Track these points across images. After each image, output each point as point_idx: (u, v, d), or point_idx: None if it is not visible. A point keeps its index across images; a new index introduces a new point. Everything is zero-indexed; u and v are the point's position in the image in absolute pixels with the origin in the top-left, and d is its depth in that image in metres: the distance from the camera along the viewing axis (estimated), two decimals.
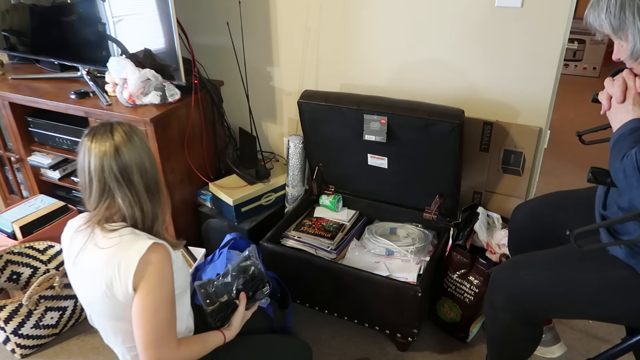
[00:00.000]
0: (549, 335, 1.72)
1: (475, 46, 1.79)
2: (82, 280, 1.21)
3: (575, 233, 1.07)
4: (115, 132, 1.15)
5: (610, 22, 1.07)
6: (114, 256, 1.14)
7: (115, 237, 1.15)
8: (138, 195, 1.16)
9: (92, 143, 1.14)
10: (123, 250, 1.13)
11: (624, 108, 1.08)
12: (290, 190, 2.18)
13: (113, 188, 1.15)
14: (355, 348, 1.83)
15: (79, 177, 1.19)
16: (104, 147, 1.13)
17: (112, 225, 1.17)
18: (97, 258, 1.16)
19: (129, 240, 1.15)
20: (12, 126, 2.24)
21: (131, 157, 1.15)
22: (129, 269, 1.12)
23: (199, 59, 2.14)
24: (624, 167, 1.00)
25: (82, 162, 1.16)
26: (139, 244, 1.14)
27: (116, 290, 1.14)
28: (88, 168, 1.15)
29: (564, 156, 3.10)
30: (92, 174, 1.14)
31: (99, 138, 1.14)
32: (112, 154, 1.13)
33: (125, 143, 1.15)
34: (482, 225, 1.84)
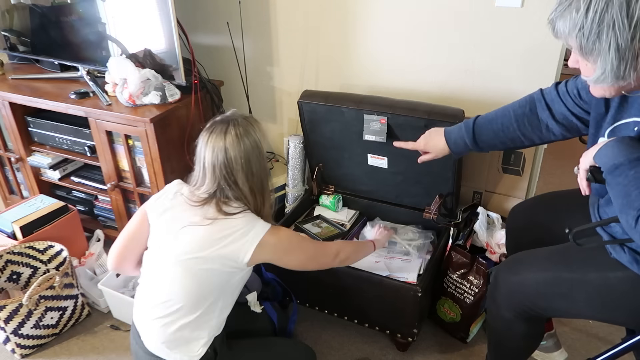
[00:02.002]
0: (550, 342, 1.72)
1: (475, 46, 1.79)
2: (180, 243, 1.28)
3: (574, 231, 1.07)
4: (228, 133, 1.25)
5: (581, 43, 0.94)
6: (241, 222, 1.26)
7: (239, 215, 1.27)
8: (243, 194, 1.29)
9: (209, 139, 1.27)
10: (251, 222, 1.27)
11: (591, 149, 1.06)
12: (290, 190, 2.18)
13: (222, 184, 1.28)
14: (355, 348, 1.83)
15: (195, 166, 1.33)
16: (216, 146, 1.25)
17: (232, 206, 1.29)
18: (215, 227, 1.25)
19: (253, 217, 1.29)
20: (12, 126, 2.24)
21: (238, 160, 1.25)
22: (254, 239, 1.26)
23: (199, 59, 2.14)
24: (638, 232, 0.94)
25: (198, 154, 1.30)
26: (260, 223, 1.29)
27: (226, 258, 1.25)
28: (203, 161, 1.28)
29: (564, 156, 3.09)
30: (205, 168, 1.28)
31: (215, 136, 1.26)
32: (222, 154, 1.25)
33: (235, 146, 1.25)
34: (482, 225, 1.84)
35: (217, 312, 1.33)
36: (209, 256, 1.25)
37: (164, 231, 1.32)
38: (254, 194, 1.30)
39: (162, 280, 1.31)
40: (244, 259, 1.26)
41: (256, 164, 1.28)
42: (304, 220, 2.04)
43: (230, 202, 1.29)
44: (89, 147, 2.14)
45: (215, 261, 1.25)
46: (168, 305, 1.29)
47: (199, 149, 1.29)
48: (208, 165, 1.27)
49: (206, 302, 1.29)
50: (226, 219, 1.26)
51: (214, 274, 1.28)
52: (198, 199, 1.30)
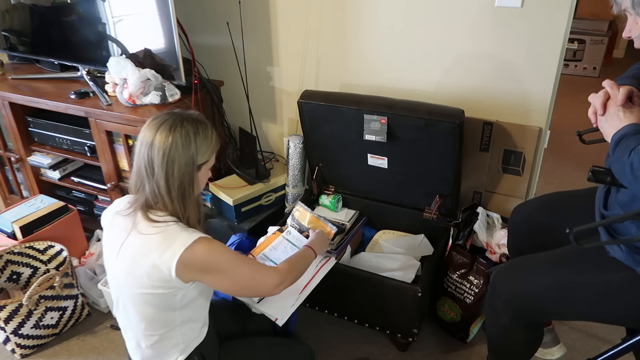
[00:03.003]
0: (548, 337, 1.72)
1: (476, 46, 1.79)
2: (120, 263, 1.21)
3: (575, 231, 1.07)
4: (163, 125, 1.17)
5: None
6: (159, 243, 1.15)
7: (160, 225, 1.17)
8: (161, 191, 1.17)
9: (144, 128, 1.19)
10: (169, 239, 1.15)
11: (615, 116, 1.08)
12: (290, 190, 2.18)
13: (143, 177, 1.18)
14: (355, 348, 1.83)
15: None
16: (146, 137, 1.17)
17: (159, 214, 1.19)
18: (142, 245, 1.17)
19: (174, 230, 1.16)
20: (12, 126, 2.24)
21: (160, 154, 1.15)
22: (172, 257, 1.13)
23: (199, 59, 2.14)
24: (631, 161, 1.00)
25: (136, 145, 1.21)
26: (183, 236, 1.15)
27: (158, 276, 1.15)
28: (135, 151, 1.20)
29: (564, 156, 3.10)
30: (133, 157, 1.20)
31: (148, 126, 1.19)
32: (148, 144, 1.16)
33: (162, 139, 1.15)
34: (482, 225, 1.84)
35: (180, 328, 1.26)
36: (139, 281, 1.17)
37: (106, 257, 1.28)
38: (172, 197, 1.18)
39: (118, 306, 1.29)
40: (171, 276, 1.14)
41: (180, 166, 1.16)
42: None
43: (156, 207, 1.20)
44: (89, 147, 2.14)
45: (147, 284, 1.17)
46: (131, 328, 1.28)
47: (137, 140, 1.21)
48: (135, 155, 1.20)
49: (162, 322, 1.23)
50: (149, 236, 1.16)
51: (155, 298, 1.18)
52: (127, 208, 1.22)
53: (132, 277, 1.18)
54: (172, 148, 1.15)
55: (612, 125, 1.09)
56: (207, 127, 1.22)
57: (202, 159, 1.21)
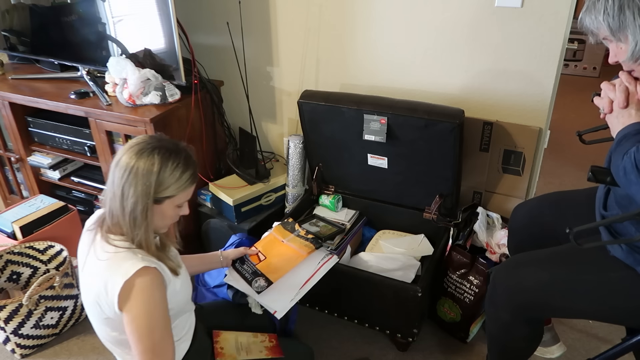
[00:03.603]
0: (548, 335, 1.72)
1: (475, 46, 1.79)
2: (82, 283, 1.23)
3: (575, 231, 1.07)
4: (136, 146, 1.14)
5: (609, 24, 1.06)
6: (104, 271, 1.13)
7: (111, 251, 1.14)
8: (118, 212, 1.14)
9: (127, 143, 1.17)
10: (112, 268, 1.12)
11: (626, 113, 1.08)
12: (290, 190, 2.18)
13: (106, 192, 1.16)
14: (355, 348, 1.83)
15: None
16: (118, 153, 1.15)
17: (113, 237, 1.16)
18: (93, 267, 1.17)
19: (122, 258, 1.12)
20: (12, 126, 2.24)
21: (120, 172, 1.12)
22: (113, 290, 1.09)
23: (199, 59, 2.14)
24: (624, 165, 1.01)
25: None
26: (127, 265, 1.10)
27: (103, 306, 1.14)
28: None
29: (564, 156, 3.10)
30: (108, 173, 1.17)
31: (128, 143, 1.17)
32: (116, 161, 1.14)
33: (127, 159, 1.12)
34: (482, 225, 1.84)
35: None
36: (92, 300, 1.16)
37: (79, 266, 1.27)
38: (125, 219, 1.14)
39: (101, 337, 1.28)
40: (115, 306, 1.10)
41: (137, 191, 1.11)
42: (301, 220, 2.03)
43: (113, 228, 1.17)
44: (89, 147, 2.14)
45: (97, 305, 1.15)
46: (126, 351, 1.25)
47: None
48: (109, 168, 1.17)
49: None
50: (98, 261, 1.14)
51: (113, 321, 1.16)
52: (93, 223, 1.22)
53: (88, 302, 1.19)
54: (132, 171, 1.11)
55: (620, 122, 1.09)
56: (181, 162, 1.16)
57: (165, 193, 1.15)
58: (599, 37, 1.11)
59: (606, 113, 1.14)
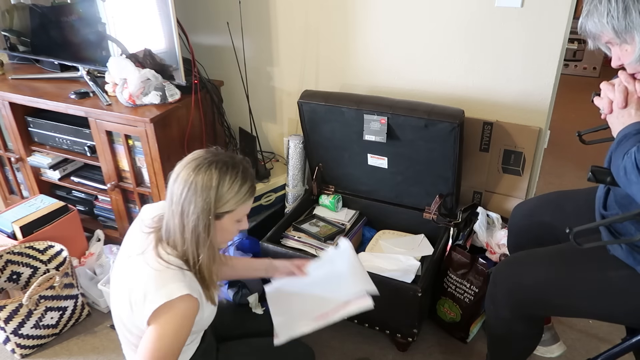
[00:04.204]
0: (548, 335, 1.72)
1: (475, 46, 1.79)
2: (120, 271, 1.22)
3: (575, 231, 1.07)
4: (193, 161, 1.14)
5: (614, 26, 1.04)
6: (148, 281, 1.11)
7: (162, 264, 1.13)
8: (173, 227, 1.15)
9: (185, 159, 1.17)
10: (158, 283, 1.10)
11: (626, 112, 1.08)
12: (290, 190, 2.18)
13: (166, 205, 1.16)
14: (355, 348, 1.83)
15: None
16: (177, 167, 1.16)
17: (168, 250, 1.15)
18: (139, 269, 1.15)
19: (171, 276, 1.11)
20: (12, 126, 2.24)
21: (179, 188, 1.12)
22: (151, 304, 1.08)
23: (199, 59, 2.14)
24: (624, 165, 1.01)
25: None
26: (173, 286, 1.09)
27: (133, 307, 1.13)
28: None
29: (564, 156, 3.10)
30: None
31: (186, 158, 1.17)
32: (175, 176, 1.15)
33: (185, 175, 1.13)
34: (482, 225, 1.84)
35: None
36: (122, 305, 1.16)
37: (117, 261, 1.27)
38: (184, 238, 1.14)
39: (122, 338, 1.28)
40: (144, 319, 1.10)
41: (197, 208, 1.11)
42: (301, 220, 2.04)
43: (167, 246, 1.17)
44: (89, 147, 2.14)
45: (126, 312, 1.16)
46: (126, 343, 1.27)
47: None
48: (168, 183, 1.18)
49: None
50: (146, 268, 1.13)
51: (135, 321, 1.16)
52: (150, 227, 1.21)
53: (118, 292, 1.19)
54: (190, 187, 1.11)
55: (620, 122, 1.08)
56: (238, 175, 1.15)
57: (224, 208, 1.14)
58: (602, 40, 1.09)
59: (606, 114, 1.14)
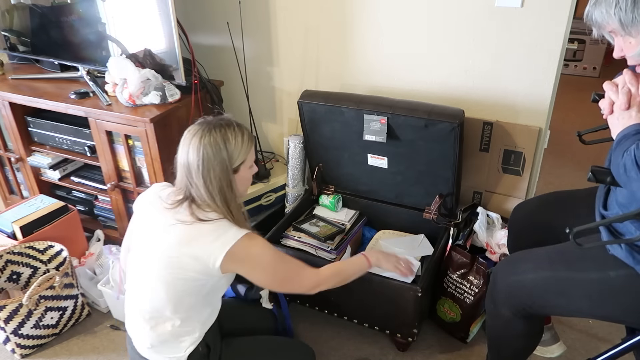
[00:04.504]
0: (547, 335, 1.72)
1: (475, 46, 1.79)
2: (159, 247, 1.25)
3: (574, 231, 1.07)
4: (195, 136, 1.23)
5: (621, 18, 1.04)
6: (208, 233, 1.21)
7: (211, 218, 1.23)
8: (207, 199, 1.24)
9: (184, 138, 1.26)
10: (219, 231, 1.21)
11: (627, 114, 1.07)
12: (290, 190, 2.18)
13: (185, 182, 1.25)
14: (355, 348, 1.83)
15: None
16: (183, 147, 1.25)
17: (205, 210, 1.24)
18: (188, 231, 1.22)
19: (225, 224, 1.23)
20: (12, 126, 2.24)
21: (194, 163, 1.22)
22: (222, 248, 1.19)
23: (199, 59, 2.14)
24: (624, 162, 1.01)
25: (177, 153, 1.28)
26: (233, 230, 1.22)
27: (199, 264, 1.20)
28: (176, 159, 1.27)
29: (564, 156, 3.10)
30: (176, 167, 1.27)
31: (184, 137, 1.26)
32: (185, 155, 1.24)
33: (194, 149, 1.22)
34: (482, 225, 1.84)
35: (199, 316, 1.32)
36: (181, 261, 1.21)
37: (141, 235, 1.32)
38: (215, 201, 1.24)
39: (142, 287, 1.31)
40: (214, 266, 1.20)
41: (216, 172, 1.22)
42: (301, 220, 2.04)
43: (202, 206, 1.25)
44: (89, 147, 2.14)
45: (187, 267, 1.22)
46: (148, 312, 1.29)
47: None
48: (178, 164, 1.27)
49: (184, 308, 1.28)
50: (197, 224, 1.22)
51: (187, 283, 1.24)
52: (172, 202, 1.27)
53: (171, 262, 1.22)
54: (204, 158, 1.21)
55: (621, 123, 1.08)
56: (236, 129, 1.26)
57: (237, 161, 1.26)
58: (606, 30, 1.10)
59: (607, 115, 1.13)
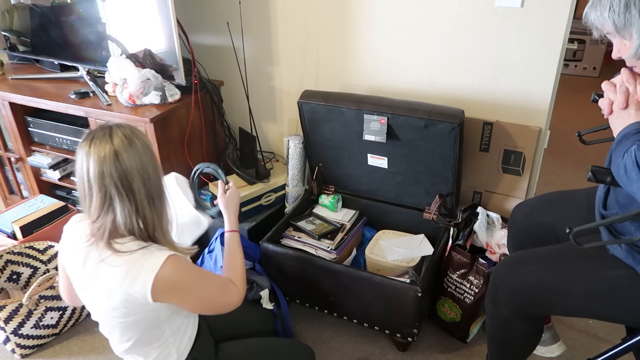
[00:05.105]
0: (547, 335, 1.72)
1: (476, 46, 1.79)
2: (93, 296, 1.19)
3: (575, 231, 1.07)
4: (114, 136, 1.08)
5: (614, 21, 1.05)
6: (126, 274, 1.10)
7: (125, 256, 1.11)
8: (140, 204, 1.11)
9: (91, 148, 1.07)
10: (135, 267, 1.10)
11: (626, 113, 1.08)
12: (290, 190, 2.18)
13: (113, 196, 1.09)
14: (355, 348, 1.83)
15: (78, 184, 1.13)
16: (102, 152, 1.06)
17: (119, 241, 1.13)
18: (109, 276, 1.12)
19: (141, 255, 1.11)
20: (12, 126, 2.24)
21: (132, 163, 1.08)
22: (145, 286, 1.10)
23: (199, 59, 2.14)
24: (624, 163, 1.01)
25: (80, 168, 1.10)
26: (152, 259, 1.11)
27: (134, 303, 1.13)
28: (87, 175, 1.08)
29: (564, 156, 3.10)
30: (91, 181, 1.08)
31: (98, 142, 1.08)
32: (112, 159, 1.07)
33: (126, 147, 1.08)
34: (482, 225, 1.84)
35: (173, 339, 1.26)
36: (117, 306, 1.14)
37: (77, 286, 1.23)
38: (152, 204, 1.13)
39: (103, 327, 1.27)
40: (148, 300, 1.11)
41: (150, 165, 1.12)
42: (297, 217, 2.04)
43: (119, 237, 1.13)
44: None
45: (124, 309, 1.14)
46: (122, 344, 1.25)
47: (79, 163, 1.10)
48: (94, 177, 1.08)
49: (153, 338, 1.23)
50: (114, 268, 1.11)
51: (137, 321, 1.18)
52: (87, 238, 1.15)
53: (109, 309, 1.16)
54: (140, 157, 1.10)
55: (621, 122, 1.09)
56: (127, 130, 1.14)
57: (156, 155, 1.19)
58: (603, 31, 1.11)
59: (607, 114, 1.14)
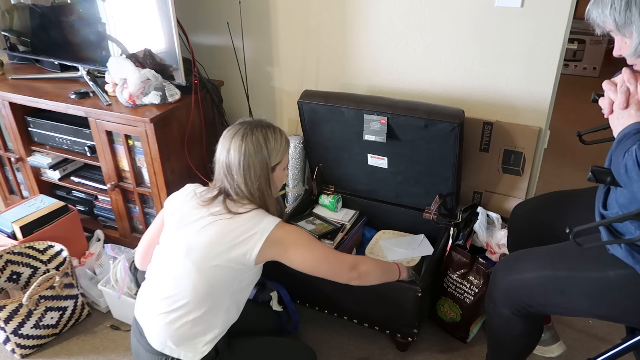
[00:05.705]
0: (547, 334, 1.73)
1: (475, 46, 1.79)
2: (198, 238, 1.30)
3: (575, 231, 1.07)
4: (236, 135, 1.32)
5: (615, 18, 1.06)
6: (250, 220, 1.29)
7: (247, 209, 1.31)
8: (245, 195, 1.33)
9: (221, 139, 1.35)
10: (256, 218, 1.30)
11: (627, 113, 1.08)
12: (290, 190, 2.18)
13: (223, 179, 1.34)
14: (355, 348, 1.83)
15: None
16: (224, 145, 1.33)
17: (241, 202, 1.33)
18: (226, 223, 1.29)
19: (260, 213, 1.31)
20: (12, 126, 2.24)
21: (236, 160, 1.30)
22: (261, 235, 1.27)
23: (199, 59, 2.14)
24: (625, 163, 1.01)
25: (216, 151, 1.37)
26: (270, 219, 1.30)
27: (237, 253, 1.27)
28: (215, 158, 1.36)
29: (564, 156, 3.10)
30: (214, 165, 1.37)
31: (224, 136, 1.35)
32: (225, 152, 1.32)
33: (236, 147, 1.30)
34: (482, 225, 1.84)
35: (223, 311, 1.34)
36: (217, 252, 1.27)
37: (174, 228, 1.35)
38: (254, 196, 1.33)
39: (169, 276, 1.33)
40: (251, 256, 1.27)
41: (256, 170, 1.31)
42: (297, 217, 2.04)
43: (237, 200, 1.33)
44: (89, 147, 2.14)
45: (223, 257, 1.27)
46: (173, 301, 1.30)
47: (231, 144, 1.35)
48: (217, 162, 1.35)
49: (212, 299, 1.31)
50: (233, 217, 1.29)
51: (222, 272, 1.29)
52: (206, 199, 1.34)
53: (209, 252, 1.28)
54: (246, 155, 1.30)
55: (621, 122, 1.09)
56: (276, 130, 1.36)
57: (275, 161, 1.35)
58: (605, 29, 1.12)
59: (607, 114, 1.14)
